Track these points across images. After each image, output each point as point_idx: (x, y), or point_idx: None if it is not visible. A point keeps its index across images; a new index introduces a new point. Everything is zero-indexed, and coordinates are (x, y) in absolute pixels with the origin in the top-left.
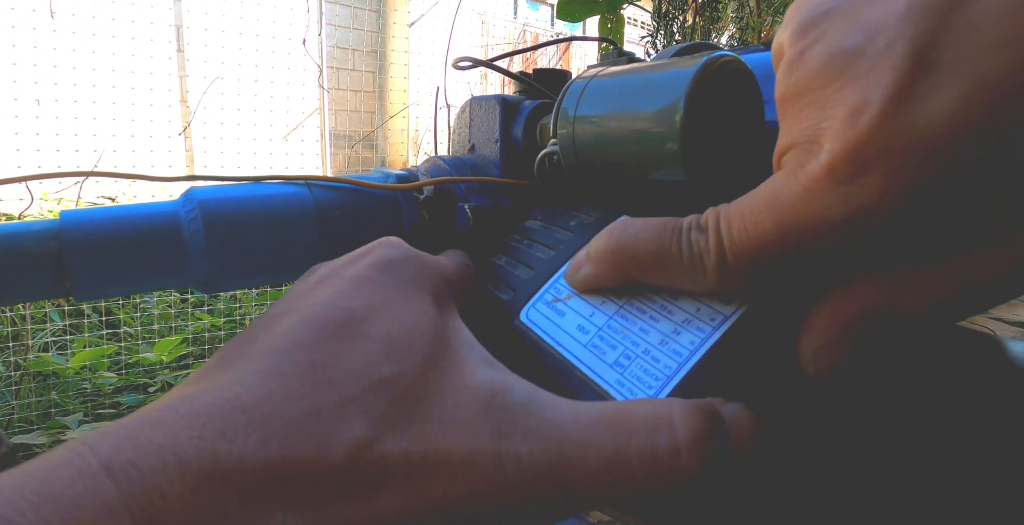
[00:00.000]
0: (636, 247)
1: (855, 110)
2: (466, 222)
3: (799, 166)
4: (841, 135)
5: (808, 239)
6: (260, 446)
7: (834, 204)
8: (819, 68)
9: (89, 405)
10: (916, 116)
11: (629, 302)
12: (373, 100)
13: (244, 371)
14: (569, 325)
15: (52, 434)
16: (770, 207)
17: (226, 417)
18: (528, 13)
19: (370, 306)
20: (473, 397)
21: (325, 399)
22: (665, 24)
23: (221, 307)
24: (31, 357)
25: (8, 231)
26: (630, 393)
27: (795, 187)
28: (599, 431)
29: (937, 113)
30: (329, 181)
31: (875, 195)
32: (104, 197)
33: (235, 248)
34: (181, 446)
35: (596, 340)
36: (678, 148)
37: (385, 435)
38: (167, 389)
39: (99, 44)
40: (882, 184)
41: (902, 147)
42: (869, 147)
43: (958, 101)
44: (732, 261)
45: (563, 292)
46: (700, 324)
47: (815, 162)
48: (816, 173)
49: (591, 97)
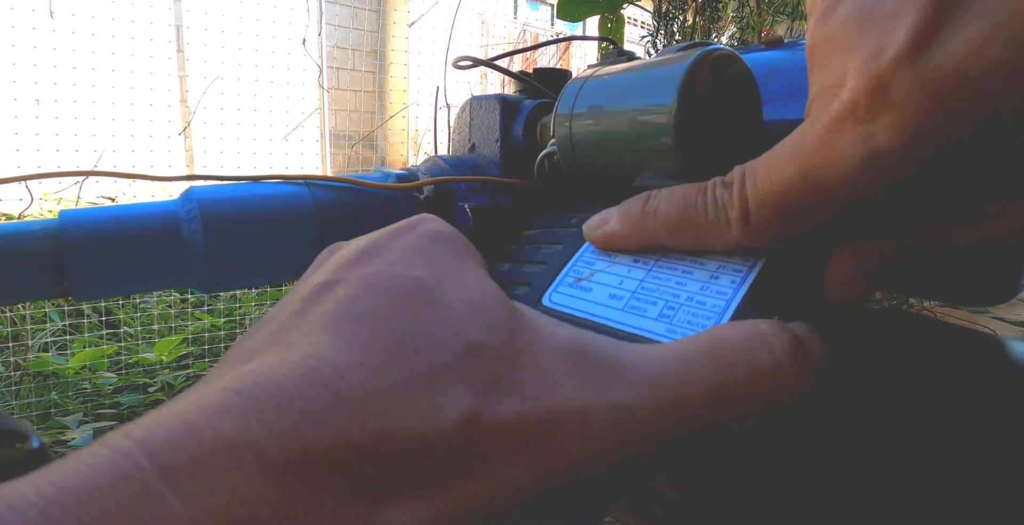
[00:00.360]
0: (665, 209)
1: (879, 50)
2: (466, 222)
3: (823, 109)
4: (863, 73)
5: (829, 183)
6: (355, 426)
7: (855, 145)
8: (848, 15)
9: (89, 405)
10: (937, 55)
11: (657, 265)
12: (373, 100)
13: (311, 342)
14: (599, 297)
15: (52, 434)
16: (794, 153)
17: (306, 394)
18: (528, 13)
19: (435, 275)
20: (563, 356)
21: (417, 368)
22: (665, 24)
23: (221, 307)
24: (31, 357)
25: (8, 231)
26: (683, 337)
27: (818, 129)
28: (699, 365)
29: (960, 52)
30: (329, 181)
31: (895, 135)
32: (104, 197)
33: (235, 248)
34: (257, 436)
35: (633, 302)
36: (673, 142)
37: (492, 401)
38: (167, 389)
39: (99, 44)
40: (901, 123)
41: (922, 86)
42: (889, 85)
43: (981, 40)
44: (755, 211)
45: (584, 272)
46: (735, 268)
47: (837, 102)
48: (838, 112)
49: (587, 96)
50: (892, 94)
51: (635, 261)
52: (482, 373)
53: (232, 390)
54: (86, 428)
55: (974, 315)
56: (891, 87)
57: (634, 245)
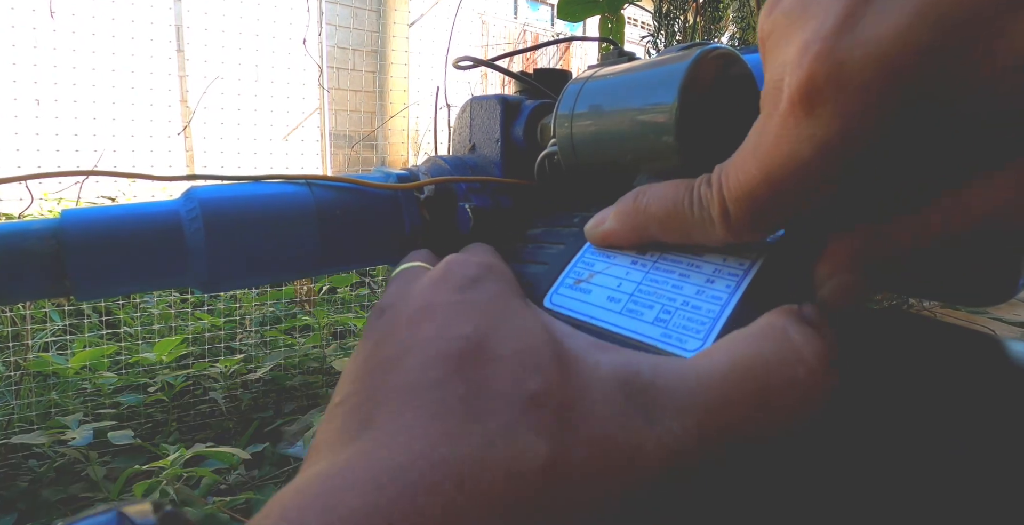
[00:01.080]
0: (655, 205)
1: (806, 44)
2: (467, 222)
3: (773, 105)
4: (795, 69)
5: (789, 179)
6: (456, 489)
7: (802, 140)
8: (788, 6)
9: (89, 405)
10: (861, 44)
11: (655, 267)
12: (373, 100)
13: (401, 425)
14: (598, 299)
15: (52, 434)
16: (754, 152)
17: (413, 477)
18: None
19: (482, 329)
20: (610, 387)
21: (493, 428)
22: (666, 24)
23: (221, 307)
24: (31, 357)
25: (8, 231)
26: (679, 342)
27: (771, 127)
28: (738, 383)
29: (883, 37)
30: (329, 180)
31: (833, 127)
32: (104, 197)
33: (236, 247)
34: (383, 512)
35: (630, 305)
36: (674, 141)
37: (563, 446)
38: (167, 389)
39: (99, 44)
40: (836, 115)
41: (849, 75)
42: (817, 78)
43: (904, 23)
44: (732, 210)
45: (584, 273)
46: (731, 271)
47: (783, 97)
48: (784, 110)
49: (588, 97)
50: (822, 88)
51: (633, 262)
52: (548, 420)
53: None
54: (86, 428)
55: (974, 315)
56: (819, 81)
57: (630, 241)
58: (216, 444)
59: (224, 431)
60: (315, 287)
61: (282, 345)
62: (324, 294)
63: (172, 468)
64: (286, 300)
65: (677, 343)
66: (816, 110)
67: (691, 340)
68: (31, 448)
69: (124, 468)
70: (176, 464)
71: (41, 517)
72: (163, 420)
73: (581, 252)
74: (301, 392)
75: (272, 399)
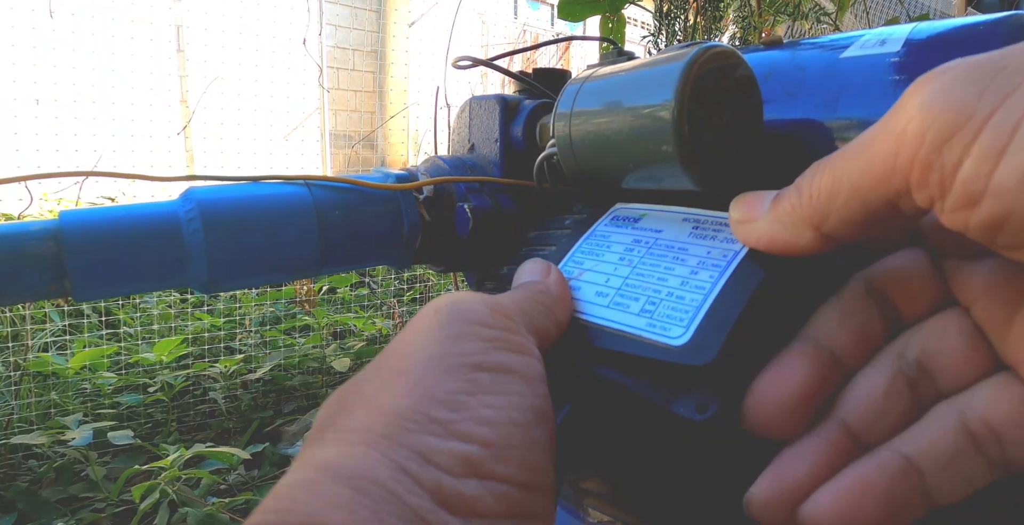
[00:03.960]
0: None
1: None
2: (466, 222)
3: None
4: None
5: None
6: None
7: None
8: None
9: (89, 405)
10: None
11: (642, 263)
12: (373, 100)
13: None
14: (587, 295)
15: (52, 434)
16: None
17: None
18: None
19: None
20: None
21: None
22: (667, 24)
23: (221, 307)
24: (31, 357)
25: (7, 231)
26: (663, 330)
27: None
28: None
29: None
30: (329, 181)
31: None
32: (104, 197)
33: (235, 248)
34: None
35: (617, 298)
36: (673, 139)
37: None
38: (167, 389)
39: (99, 44)
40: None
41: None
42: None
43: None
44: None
45: (574, 271)
46: (714, 262)
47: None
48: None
49: (587, 96)
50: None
51: (620, 259)
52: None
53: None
54: (86, 428)
55: None
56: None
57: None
58: (216, 444)
59: (224, 431)
60: (315, 287)
61: (282, 345)
62: (324, 294)
63: (172, 469)
64: (286, 300)
65: (661, 331)
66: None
67: (675, 328)
68: (31, 448)
69: (124, 468)
70: (176, 464)
71: (41, 517)
72: (163, 420)
73: (572, 251)
74: (301, 392)
75: (272, 399)
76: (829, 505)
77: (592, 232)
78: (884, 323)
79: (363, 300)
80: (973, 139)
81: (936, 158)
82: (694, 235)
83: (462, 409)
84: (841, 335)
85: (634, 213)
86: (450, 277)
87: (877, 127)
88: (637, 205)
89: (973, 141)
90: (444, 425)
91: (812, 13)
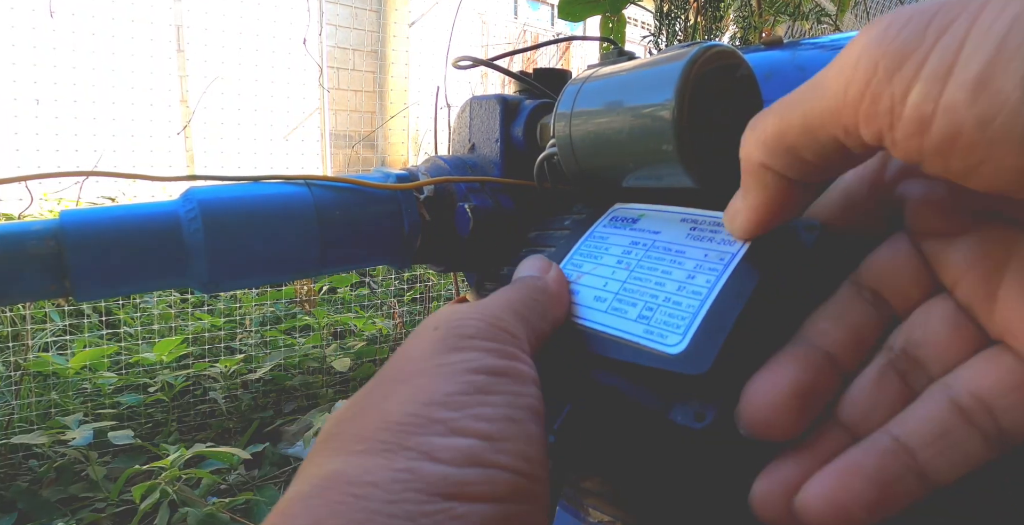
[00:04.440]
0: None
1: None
2: (466, 222)
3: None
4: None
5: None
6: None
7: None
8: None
9: (89, 405)
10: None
11: (639, 266)
12: (373, 100)
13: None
14: (585, 299)
15: (52, 434)
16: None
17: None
18: (528, 13)
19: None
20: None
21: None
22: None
23: (221, 307)
24: (31, 357)
25: (8, 231)
26: (660, 338)
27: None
28: None
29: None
30: (329, 181)
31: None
32: (104, 197)
33: (235, 248)
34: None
35: (615, 303)
36: (673, 139)
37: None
38: (167, 389)
39: (99, 44)
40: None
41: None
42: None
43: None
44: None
45: (572, 275)
46: (711, 265)
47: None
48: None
49: (587, 96)
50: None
51: (619, 262)
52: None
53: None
54: (86, 428)
55: None
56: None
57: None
58: (216, 444)
59: (224, 431)
60: (315, 287)
61: (282, 345)
62: (324, 294)
63: (172, 468)
64: (286, 300)
65: (659, 339)
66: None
67: (671, 335)
68: (31, 448)
69: (124, 468)
70: (176, 464)
71: (41, 517)
72: (163, 420)
73: (571, 253)
74: (301, 392)
75: (272, 399)
76: (820, 490)
77: (591, 233)
78: (879, 320)
79: (363, 300)
80: (922, 64)
81: (886, 87)
82: (691, 236)
83: (461, 408)
84: (834, 335)
85: (632, 214)
86: (450, 277)
87: (825, 70)
88: (636, 205)
89: (922, 66)
90: (445, 423)
91: (812, 13)
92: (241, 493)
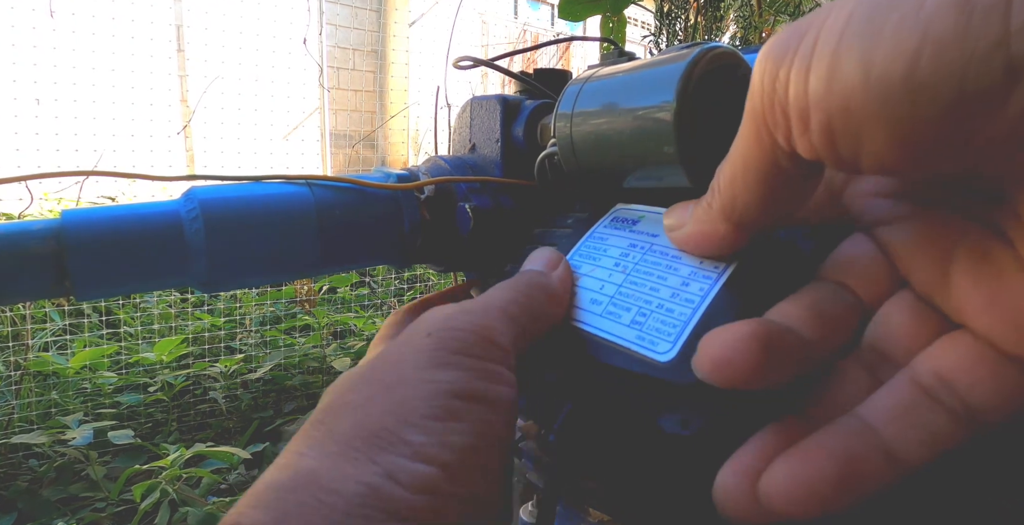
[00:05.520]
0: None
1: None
2: (467, 222)
3: None
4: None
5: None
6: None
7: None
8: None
9: (89, 405)
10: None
11: (636, 269)
12: (373, 100)
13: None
14: (582, 302)
15: (52, 434)
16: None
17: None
18: (528, 13)
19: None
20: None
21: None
22: (667, 24)
23: (221, 307)
24: (31, 357)
25: (8, 231)
26: (651, 345)
27: None
28: None
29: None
30: (330, 180)
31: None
32: (104, 197)
33: (236, 247)
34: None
35: (610, 307)
36: (674, 140)
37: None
38: (167, 389)
39: (99, 44)
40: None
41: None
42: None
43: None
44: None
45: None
46: (705, 274)
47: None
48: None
49: (588, 96)
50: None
51: (616, 265)
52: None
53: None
54: (86, 428)
55: None
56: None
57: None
58: (216, 444)
59: (224, 431)
60: (315, 287)
61: (282, 345)
62: (324, 294)
63: (172, 468)
64: (286, 300)
65: (649, 346)
66: None
67: (662, 343)
68: (31, 448)
69: (124, 468)
70: (176, 464)
71: (41, 517)
72: (163, 420)
73: (571, 254)
74: (301, 392)
75: (272, 399)
76: (785, 473)
77: (591, 233)
78: (845, 307)
79: (363, 300)
80: (791, 66)
81: (774, 94)
82: None
83: (431, 434)
84: (790, 310)
85: (633, 215)
86: (450, 277)
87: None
88: (637, 207)
89: (791, 67)
90: (413, 447)
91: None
92: (241, 493)
